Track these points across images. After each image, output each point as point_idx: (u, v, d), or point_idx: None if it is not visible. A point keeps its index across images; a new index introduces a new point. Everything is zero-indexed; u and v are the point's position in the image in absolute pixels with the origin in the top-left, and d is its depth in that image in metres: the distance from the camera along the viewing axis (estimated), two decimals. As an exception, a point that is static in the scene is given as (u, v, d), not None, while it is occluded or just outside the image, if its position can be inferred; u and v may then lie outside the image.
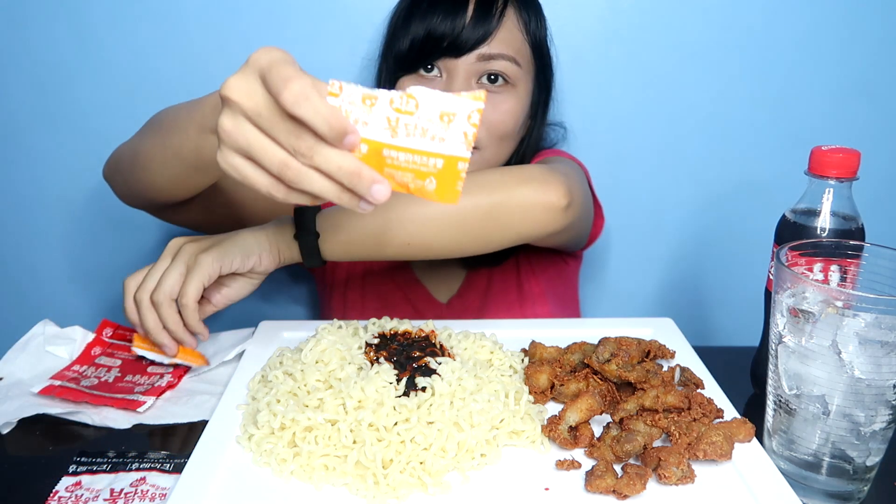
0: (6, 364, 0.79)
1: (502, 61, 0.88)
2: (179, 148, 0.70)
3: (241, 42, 1.10)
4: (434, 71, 0.89)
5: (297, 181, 0.52)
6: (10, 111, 1.13)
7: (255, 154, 0.52)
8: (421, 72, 0.90)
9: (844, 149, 0.69)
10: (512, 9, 0.90)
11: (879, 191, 1.18)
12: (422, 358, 0.69)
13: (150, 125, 0.80)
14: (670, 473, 0.57)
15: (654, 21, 1.11)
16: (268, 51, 0.52)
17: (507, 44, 0.88)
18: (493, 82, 0.90)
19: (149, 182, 0.79)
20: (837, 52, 1.13)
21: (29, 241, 1.21)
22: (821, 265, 0.65)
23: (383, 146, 0.52)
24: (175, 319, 0.74)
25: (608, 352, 0.71)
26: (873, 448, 0.59)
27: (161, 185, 0.78)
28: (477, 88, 0.89)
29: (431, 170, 0.53)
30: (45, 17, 1.09)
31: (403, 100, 0.52)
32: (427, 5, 0.87)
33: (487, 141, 0.90)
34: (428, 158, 0.53)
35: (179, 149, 0.70)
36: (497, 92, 0.90)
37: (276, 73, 0.49)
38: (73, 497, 0.60)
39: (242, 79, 0.51)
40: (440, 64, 0.89)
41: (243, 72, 0.52)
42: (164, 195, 0.80)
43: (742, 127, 1.17)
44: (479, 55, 0.87)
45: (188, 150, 0.69)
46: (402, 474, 0.58)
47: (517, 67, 0.90)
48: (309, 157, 0.51)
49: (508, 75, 0.89)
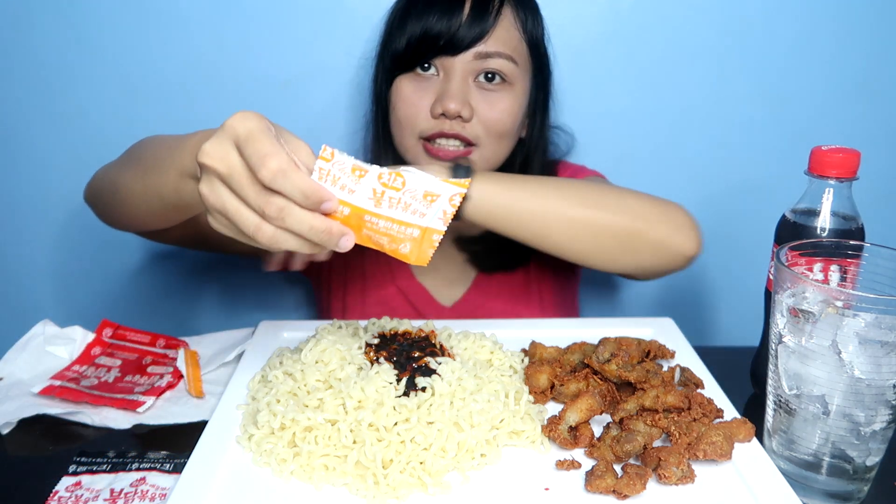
0: (6, 364, 0.79)
1: (499, 59, 0.88)
2: (160, 188, 0.71)
3: (240, 42, 1.10)
4: (431, 70, 0.89)
5: (272, 243, 0.54)
6: (10, 111, 1.13)
7: (232, 217, 0.54)
8: (418, 70, 0.90)
9: (844, 149, 0.69)
10: (508, 7, 0.90)
11: (879, 191, 1.18)
12: (422, 358, 0.69)
13: (131, 158, 0.80)
14: (670, 473, 0.57)
15: (653, 21, 1.11)
16: (244, 119, 0.54)
17: (503, 42, 0.88)
18: (489, 80, 0.90)
19: (130, 214, 0.81)
20: (837, 51, 1.13)
21: (29, 241, 1.21)
22: (821, 265, 0.65)
23: (365, 212, 0.55)
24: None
25: (608, 352, 0.71)
26: (873, 448, 0.59)
27: (142, 218, 0.80)
28: (474, 87, 0.89)
29: (407, 237, 0.56)
30: (45, 17, 1.09)
31: (391, 177, 0.55)
32: (424, 4, 0.87)
33: (486, 139, 0.90)
34: (406, 228, 0.56)
35: (160, 188, 0.71)
36: (494, 90, 0.90)
37: (254, 147, 0.52)
38: (73, 497, 0.60)
39: (217, 145, 0.54)
40: (437, 62, 0.89)
41: (218, 138, 0.54)
42: (145, 226, 0.82)
43: (742, 127, 1.17)
44: (475, 53, 0.87)
45: (168, 191, 0.69)
46: (402, 474, 0.58)
47: (514, 66, 0.90)
48: (280, 219, 0.53)
49: (505, 73, 0.89)
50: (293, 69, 1.11)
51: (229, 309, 1.26)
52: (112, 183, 0.81)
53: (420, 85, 0.90)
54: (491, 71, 0.89)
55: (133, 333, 0.87)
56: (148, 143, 0.79)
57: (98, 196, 0.87)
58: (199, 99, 1.13)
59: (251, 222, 0.54)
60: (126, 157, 0.82)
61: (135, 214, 0.80)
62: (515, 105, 0.91)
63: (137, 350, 0.84)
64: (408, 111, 0.90)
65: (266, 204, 0.53)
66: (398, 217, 0.56)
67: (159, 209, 0.74)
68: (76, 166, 1.16)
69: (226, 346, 0.84)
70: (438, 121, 0.89)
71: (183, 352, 0.80)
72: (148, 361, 0.82)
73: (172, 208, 0.72)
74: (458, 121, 0.88)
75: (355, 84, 1.13)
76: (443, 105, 0.87)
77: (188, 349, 0.83)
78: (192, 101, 1.13)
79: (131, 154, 0.81)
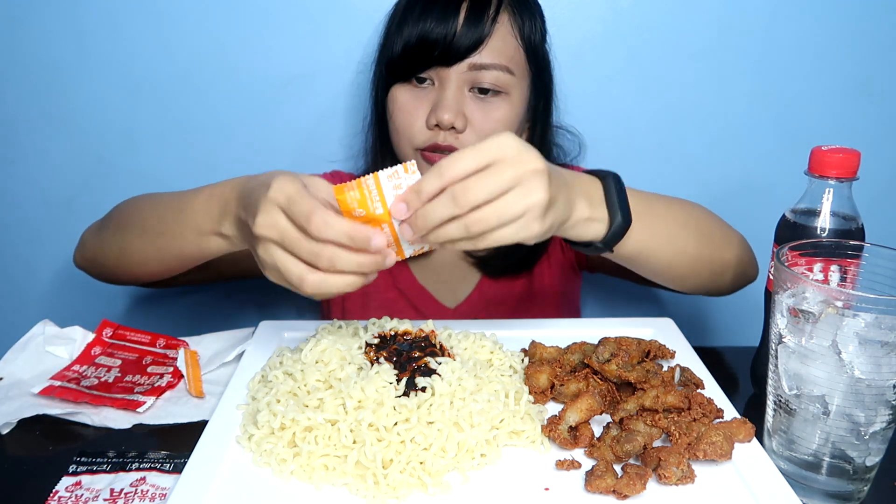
0: (6, 364, 0.79)
1: (494, 72, 0.88)
2: (180, 249, 0.77)
3: (240, 42, 1.10)
4: (426, 82, 0.90)
5: (316, 289, 0.60)
6: (9, 111, 1.13)
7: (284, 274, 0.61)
8: (413, 81, 0.90)
9: (844, 149, 0.69)
10: (506, 14, 0.89)
11: (879, 191, 1.18)
12: (422, 358, 0.69)
13: (130, 223, 0.84)
14: (670, 473, 0.57)
15: (653, 21, 1.11)
16: (281, 186, 0.59)
17: (499, 52, 0.88)
18: (484, 92, 0.89)
19: (141, 273, 0.86)
20: (838, 52, 1.13)
21: (29, 241, 1.21)
22: (821, 265, 0.65)
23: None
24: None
25: (608, 352, 0.71)
26: (873, 448, 0.59)
27: (157, 275, 0.85)
28: (469, 97, 0.89)
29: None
30: (44, 17, 1.09)
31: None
32: (419, 12, 0.87)
33: None
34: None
35: (180, 249, 0.77)
36: (489, 100, 0.89)
37: (297, 209, 0.58)
38: (73, 497, 0.60)
39: (266, 216, 0.60)
40: (432, 73, 0.89)
41: (265, 210, 0.60)
42: (157, 278, 0.87)
43: (742, 127, 1.17)
44: (470, 64, 0.87)
45: (191, 250, 0.76)
46: (402, 474, 0.58)
47: (510, 76, 0.89)
48: (332, 266, 0.59)
49: (500, 85, 0.89)
50: (294, 70, 1.11)
51: (229, 309, 1.26)
52: (118, 249, 0.85)
53: (416, 95, 0.90)
54: (485, 86, 0.88)
55: (133, 333, 0.87)
56: (144, 205, 0.84)
57: (97, 261, 0.90)
58: (199, 99, 1.13)
59: (295, 274, 0.60)
60: (121, 222, 0.86)
61: (149, 272, 0.85)
62: (511, 114, 0.91)
63: (137, 350, 0.84)
64: (404, 121, 0.91)
65: (317, 257, 0.59)
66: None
67: (178, 265, 0.81)
68: (76, 166, 1.16)
69: (226, 346, 0.84)
70: (433, 132, 0.89)
71: (183, 352, 0.80)
72: (148, 361, 0.82)
73: (193, 262, 0.80)
74: (451, 132, 0.88)
75: (355, 86, 1.13)
76: (437, 116, 0.87)
77: (188, 349, 0.83)
78: (193, 101, 1.13)
79: (128, 218, 0.85)
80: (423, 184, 0.58)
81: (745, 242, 0.88)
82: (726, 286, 0.88)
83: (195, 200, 0.73)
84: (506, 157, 0.58)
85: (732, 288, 0.89)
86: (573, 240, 0.70)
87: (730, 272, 0.85)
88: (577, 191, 0.67)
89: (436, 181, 0.58)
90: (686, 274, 0.81)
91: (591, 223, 0.68)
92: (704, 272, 0.83)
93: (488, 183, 0.57)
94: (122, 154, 1.15)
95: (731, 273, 0.85)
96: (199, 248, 0.74)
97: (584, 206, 0.67)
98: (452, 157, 0.58)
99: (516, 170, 0.58)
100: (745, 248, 0.88)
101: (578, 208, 0.66)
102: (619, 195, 0.69)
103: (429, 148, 0.89)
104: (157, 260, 0.81)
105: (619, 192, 0.69)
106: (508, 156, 0.58)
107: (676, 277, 0.82)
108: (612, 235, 0.69)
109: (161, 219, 0.78)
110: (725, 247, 0.84)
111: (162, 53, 1.10)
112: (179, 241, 0.76)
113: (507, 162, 0.58)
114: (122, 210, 0.87)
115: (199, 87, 1.12)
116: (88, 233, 0.91)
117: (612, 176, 0.70)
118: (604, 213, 0.68)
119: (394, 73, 0.90)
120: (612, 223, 0.68)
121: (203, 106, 1.13)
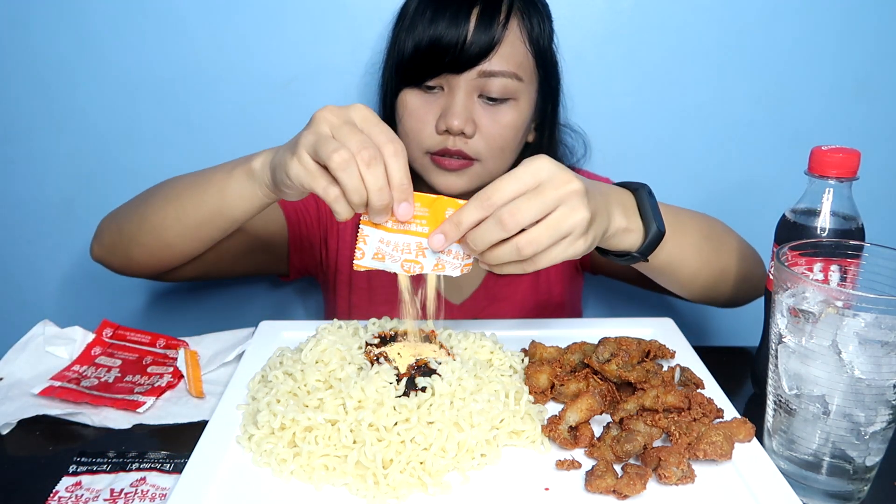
0: (6, 364, 0.79)
1: (502, 79, 0.88)
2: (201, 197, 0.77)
3: (241, 42, 1.10)
4: (435, 89, 0.90)
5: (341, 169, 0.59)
6: (10, 111, 1.13)
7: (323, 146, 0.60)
8: (423, 86, 0.90)
9: (844, 149, 0.69)
10: (515, 19, 0.89)
11: (879, 191, 1.18)
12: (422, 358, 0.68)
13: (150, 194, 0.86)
14: (670, 473, 0.57)
15: (653, 21, 1.11)
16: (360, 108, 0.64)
17: (508, 59, 0.88)
18: (493, 100, 0.89)
19: (158, 249, 0.85)
20: (837, 51, 1.13)
21: (29, 241, 1.21)
22: (821, 265, 0.65)
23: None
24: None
25: (608, 352, 0.71)
26: (873, 448, 0.59)
27: (174, 248, 0.84)
28: (478, 102, 0.89)
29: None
30: (45, 16, 1.09)
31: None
32: (430, 17, 0.87)
33: (487, 153, 0.90)
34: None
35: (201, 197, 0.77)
36: (498, 105, 0.90)
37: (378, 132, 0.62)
38: (73, 497, 0.60)
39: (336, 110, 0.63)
40: (441, 80, 0.89)
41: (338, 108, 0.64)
42: (170, 254, 0.85)
43: (742, 127, 1.17)
44: (479, 71, 0.87)
45: (211, 202, 0.77)
46: (402, 474, 0.58)
47: (518, 83, 0.89)
48: (367, 162, 0.59)
49: (508, 93, 0.89)
50: (294, 70, 1.11)
51: (229, 309, 1.26)
52: (136, 222, 0.85)
53: (426, 100, 0.90)
54: (493, 95, 0.89)
55: (133, 333, 0.87)
56: (165, 181, 0.86)
57: (115, 245, 0.90)
58: (199, 99, 1.13)
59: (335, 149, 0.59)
60: (142, 198, 0.87)
61: (167, 241, 0.83)
62: (519, 119, 0.91)
63: (137, 350, 0.84)
64: (414, 126, 0.91)
65: (365, 146, 0.60)
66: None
67: (195, 222, 0.80)
68: (76, 166, 1.16)
69: (226, 346, 0.84)
70: (443, 137, 0.89)
71: (183, 352, 0.80)
72: (148, 361, 0.82)
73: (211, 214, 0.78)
74: (460, 137, 0.89)
75: (356, 86, 1.12)
76: (446, 122, 0.87)
77: (188, 349, 0.83)
78: (193, 101, 1.13)
79: (148, 193, 0.87)
80: (463, 215, 0.61)
81: (758, 255, 0.90)
82: (741, 298, 0.90)
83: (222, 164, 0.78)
84: (545, 180, 0.60)
85: (745, 299, 0.90)
86: (610, 250, 0.72)
87: (745, 284, 0.87)
88: (613, 202, 0.69)
89: (477, 211, 0.60)
90: (710, 285, 0.83)
91: (628, 234, 0.70)
92: (726, 284, 0.85)
93: (532, 205, 0.59)
94: (122, 154, 1.15)
95: (746, 285, 0.87)
96: (221, 192, 0.75)
97: (620, 216, 0.69)
98: (492, 186, 0.60)
99: (558, 191, 0.60)
100: (758, 261, 0.89)
101: (616, 219, 0.68)
102: (653, 205, 0.71)
103: (438, 152, 0.90)
104: (176, 221, 0.81)
105: (652, 202, 0.71)
106: (547, 178, 0.60)
107: (697, 289, 0.84)
108: (649, 244, 0.70)
109: (185, 181, 0.81)
110: (744, 260, 0.86)
111: (162, 52, 1.10)
112: (203, 187, 0.77)
113: (547, 184, 0.60)
114: (141, 193, 0.88)
115: (199, 87, 1.12)
116: (105, 220, 0.91)
117: (643, 187, 0.73)
118: (639, 224, 0.70)
119: (403, 77, 0.90)
120: (647, 233, 0.70)
121: (203, 105, 1.13)
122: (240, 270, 1.04)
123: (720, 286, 0.85)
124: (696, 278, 0.82)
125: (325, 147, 0.60)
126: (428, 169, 0.92)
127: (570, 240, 0.61)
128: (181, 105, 1.13)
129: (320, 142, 0.60)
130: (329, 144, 0.60)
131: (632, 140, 1.17)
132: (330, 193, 0.61)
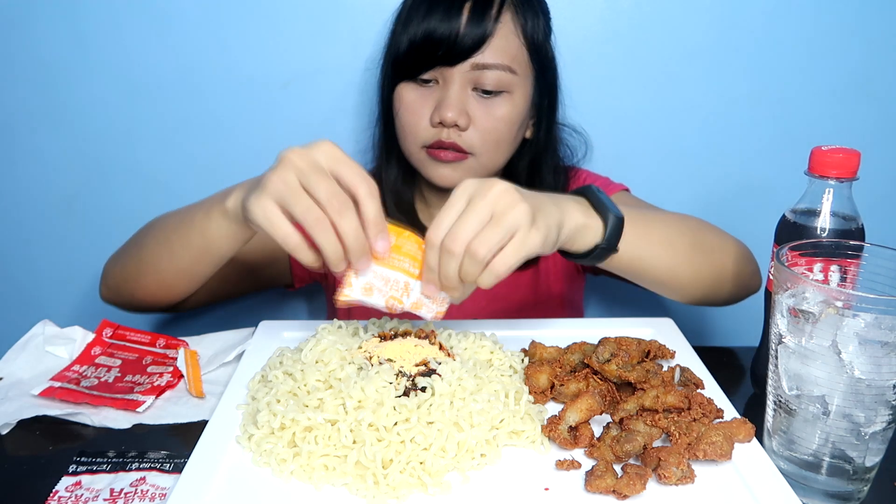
0: (6, 364, 0.79)
1: (496, 72, 0.89)
2: (188, 241, 0.79)
3: (240, 42, 1.10)
4: (431, 82, 0.91)
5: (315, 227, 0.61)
6: (9, 111, 1.13)
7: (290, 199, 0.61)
8: (419, 80, 0.91)
9: (844, 149, 0.69)
10: (509, 12, 0.89)
11: (879, 191, 1.18)
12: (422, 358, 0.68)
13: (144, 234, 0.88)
14: (670, 473, 0.57)
15: (653, 21, 1.11)
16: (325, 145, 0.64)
17: (501, 52, 0.88)
18: (487, 93, 0.90)
19: (158, 288, 0.87)
20: (837, 52, 1.13)
21: (29, 241, 1.20)
22: (821, 265, 0.65)
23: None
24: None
25: (608, 352, 0.71)
26: (873, 448, 0.59)
27: (173, 286, 0.85)
28: (472, 95, 0.90)
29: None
30: (44, 16, 1.09)
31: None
32: (425, 12, 0.88)
33: (482, 147, 0.91)
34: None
35: (188, 242, 0.79)
36: (492, 98, 0.90)
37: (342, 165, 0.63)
38: (73, 497, 0.60)
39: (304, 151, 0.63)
40: (436, 73, 0.90)
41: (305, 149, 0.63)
42: (172, 290, 0.87)
43: (742, 127, 1.17)
44: (473, 64, 0.88)
45: (196, 242, 0.78)
46: (402, 474, 0.58)
47: (512, 75, 0.90)
48: (339, 213, 0.61)
49: (503, 85, 0.90)
50: (294, 70, 1.11)
51: (229, 309, 1.26)
52: (135, 265, 0.88)
53: (421, 93, 0.91)
54: (487, 88, 0.89)
55: (133, 333, 0.87)
56: (157, 219, 0.88)
57: (119, 287, 0.91)
58: (199, 99, 1.13)
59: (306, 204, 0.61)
60: (136, 239, 0.90)
61: (165, 282, 0.85)
62: (514, 112, 0.92)
63: (137, 350, 0.84)
64: (409, 119, 0.92)
65: (335, 195, 0.61)
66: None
67: (188, 266, 0.82)
68: (76, 166, 1.16)
69: (226, 346, 0.84)
70: (437, 129, 0.90)
71: (183, 352, 0.80)
72: (148, 361, 0.82)
73: (199, 254, 0.79)
74: (454, 129, 0.90)
75: (355, 85, 1.13)
76: (440, 114, 0.88)
77: (188, 349, 0.83)
78: (193, 101, 1.13)
79: (142, 234, 0.89)
80: (428, 260, 0.64)
81: (747, 252, 0.89)
82: (725, 296, 0.88)
83: (202, 201, 0.79)
84: (473, 195, 0.63)
85: (732, 298, 0.89)
86: (579, 252, 0.73)
87: (728, 282, 0.86)
88: (564, 202, 0.70)
89: (432, 252, 0.63)
90: (686, 283, 0.83)
91: (588, 229, 0.71)
92: (704, 281, 0.84)
93: (469, 220, 0.61)
94: (122, 154, 1.15)
95: (730, 283, 0.86)
96: (203, 233, 0.76)
97: (576, 213, 0.70)
98: (433, 227, 0.63)
99: (485, 197, 0.62)
100: (746, 257, 0.88)
101: (571, 214, 0.69)
102: (604, 198, 0.73)
103: (433, 145, 0.91)
104: (169, 263, 0.83)
105: (603, 195, 0.73)
106: (474, 192, 0.63)
107: (677, 287, 0.83)
108: (611, 233, 0.71)
109: (171, 222, 0.82)
110: (724, 256, 0.85)
111: (162, 52, 1.10)
112: (187, 229, 0.78)
113: (476, 197, 0.62)
114: (136, 233, 0.91)
115: (199, 87, 1.12)
116: (109, 262, 0.94)
117: (589, 187, 0.75)
118: (597, 219, 0.72)
119: (399, 71, 0.92)
120: (605, 222, 0.71)
121: (203, 105, 1.13)
122: (246, 289, 1.07)
123: (703, 282, 0.84)
124: (672, 276, 0.81)
125: (298, 204, 0.61)
126: (424, 163, 0.93)
127: (522, 235, 0.62)
128: (181, 105, 1.13)
129: (291, 195, 0.62)
130: (300, 201, 0.61)
131: (632, 140, 1.17)
132: (290, 243, 0.63)
